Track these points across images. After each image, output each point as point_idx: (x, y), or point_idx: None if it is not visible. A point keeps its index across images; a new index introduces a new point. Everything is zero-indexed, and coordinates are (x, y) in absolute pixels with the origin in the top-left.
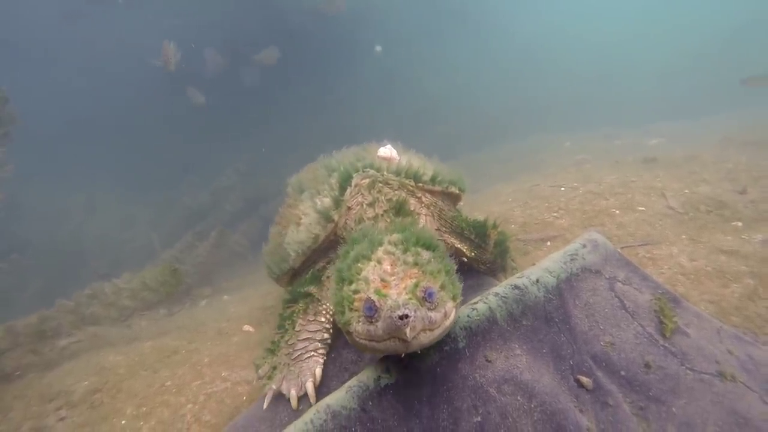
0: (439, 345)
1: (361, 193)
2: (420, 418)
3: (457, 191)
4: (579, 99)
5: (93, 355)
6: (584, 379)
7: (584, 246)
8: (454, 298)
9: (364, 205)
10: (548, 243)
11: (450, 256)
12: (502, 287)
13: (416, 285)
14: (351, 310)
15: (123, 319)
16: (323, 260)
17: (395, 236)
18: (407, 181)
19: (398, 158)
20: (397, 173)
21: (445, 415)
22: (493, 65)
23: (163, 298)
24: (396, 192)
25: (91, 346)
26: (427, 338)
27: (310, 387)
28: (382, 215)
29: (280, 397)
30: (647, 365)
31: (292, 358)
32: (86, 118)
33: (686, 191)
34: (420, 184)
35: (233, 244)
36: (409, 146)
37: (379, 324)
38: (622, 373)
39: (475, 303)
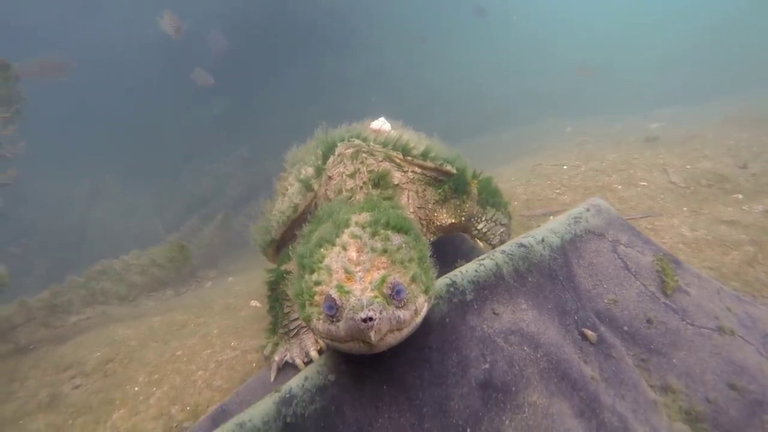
0: (448, 297)
1: (344, 163)
2: (430, 364)
3: (454, 170)
4: (579, 87)
5: (103, 329)
6: (589, 333)
7: (588, 210)
8: (426, 291)
9: (345, 176)
10: (551, 218)
11: (435, 234)
12: (508, 245)
13: (383, 280)
14: (312, 304)
15: (131, 299)
16: None
17: (364, 216)
18: (394, 153)
19: (390, 131)
20: (384, 144)
21: (454, 362)
22: (494, 54)
23: (171, 275)
24: (380, 163)
25: (100, 322)
26: (394, 339)
27: (314, 355)
28: (361, 187)
29: (288, 366)
30: (649, 321)
31: (291, 336)
32: (89, 105)
33: (688, 167)
34: (409, 158)
35: (238, 227)
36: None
37: (341, 325)
38: (625, 328)
39: (483, 259)
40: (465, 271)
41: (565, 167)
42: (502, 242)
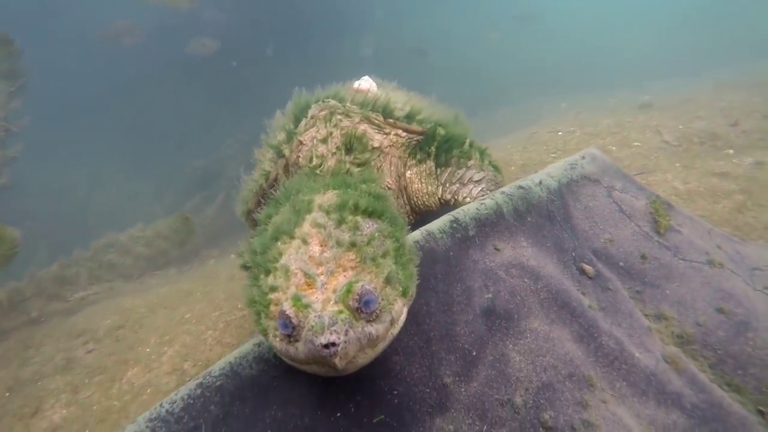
0: (451, 232)
1: (316, 126)
2: (436, 293)
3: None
4: (572, 65)
5: (112, 300)
6: (586, 267)
7: (583, 158)
8: (404, 293)
9: (317, 141)
10: None
11: (415, 212)
12: (508, 187)
13: (349, 290)
14: (267, 317)
15: (136, 277)
16: None
17: (329, 197)
18: (374, 115)
19: (376, 92)
20: (363, 105)
21: (458, 291)
22: (486, 31)
23: (176, 247)
24: (357, 125)
25: (108, 296)
26: (366, 358)
27: None
28: (334, 153)
29: None
30: (643, 257)
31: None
32: (86, 93)
33: (680, 127)
34: (391, 121)
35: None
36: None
37: (300, 347)
38: (621, 264)
39: (484, 199)
40: (467, 210)
41: (560, 133)
42: None
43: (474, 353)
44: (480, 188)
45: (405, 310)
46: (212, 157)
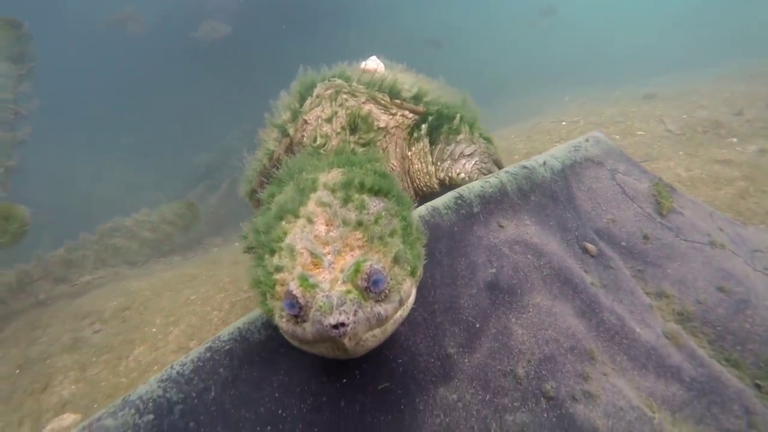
0: (456, 208)
1: (321, 105)
2: (441, 266)
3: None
4: (575, 60)
5: (117, 283)
6: (589, 246)
7: (587, 140)
8: (413, 273)
9: (321, 120)
10: None
11: (417, 194)
12: (512, 166)
13: (357, 269)
14: (273, 297)
15: (141, 263)
16: None
17: (334, 175)
18: (380, 95)
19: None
20: (369, 84)
21: (463, 266)
22: (490, 25)
23: (181, 232)
24: (362, 105)
25: (113, 280)
26: (376, 340)
27: None
28: (338, 133)
29: None
30: (645, 237)
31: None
32: (89, 83)
33: (684, 116)
34: (397, 101)
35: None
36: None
37: (308, 327)
38: (623, 243)
39: (488, 178)
40: (472, 187)
41: (563, 123)
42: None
43: (477, 326)
44: (473, 162)
45: (414, 291)
46: (216, 147)
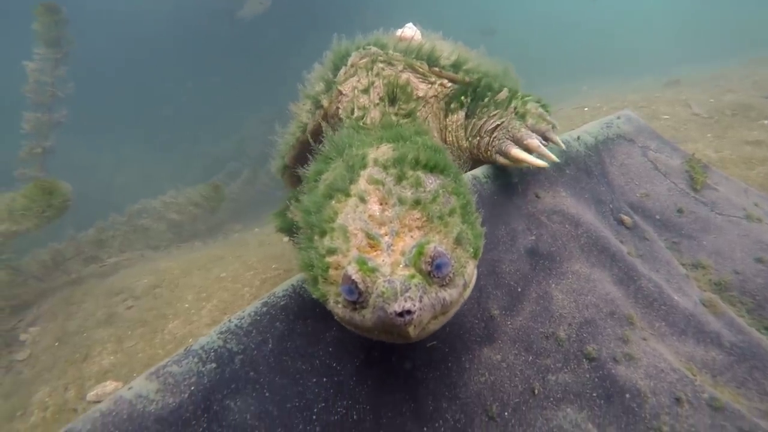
0: (494, 178)
1: (357, 75)
2: None
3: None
4: (593, 53)
5: (145, 264)
6: (625, 218)
7: (619, 118)
8: (475, 254)
9: (358, 91)
10: None
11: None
12: None
13: (421, 251)
14: (326, 281)
15: (164, 248)
16: None
17: (384, 150)
18: (418, 63)
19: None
20: (406, 52)
21: (503, 232)
22: (508, 18)
23: (208, 213)
24: (400, 74)
25: (141, 261)
26: (438, 324)
27: None
28: (377, 104)
29: None
30: (680, 210)
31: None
32: (107, 71)
33: (711, 100)
34: (436, 69)
35: (260, 185)
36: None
37: (367, 315)
38: (657, 217)
39: None
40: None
41: (586, 109)
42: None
43: (519, 290)
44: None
45: (476, 273)
46: (232, 138)
